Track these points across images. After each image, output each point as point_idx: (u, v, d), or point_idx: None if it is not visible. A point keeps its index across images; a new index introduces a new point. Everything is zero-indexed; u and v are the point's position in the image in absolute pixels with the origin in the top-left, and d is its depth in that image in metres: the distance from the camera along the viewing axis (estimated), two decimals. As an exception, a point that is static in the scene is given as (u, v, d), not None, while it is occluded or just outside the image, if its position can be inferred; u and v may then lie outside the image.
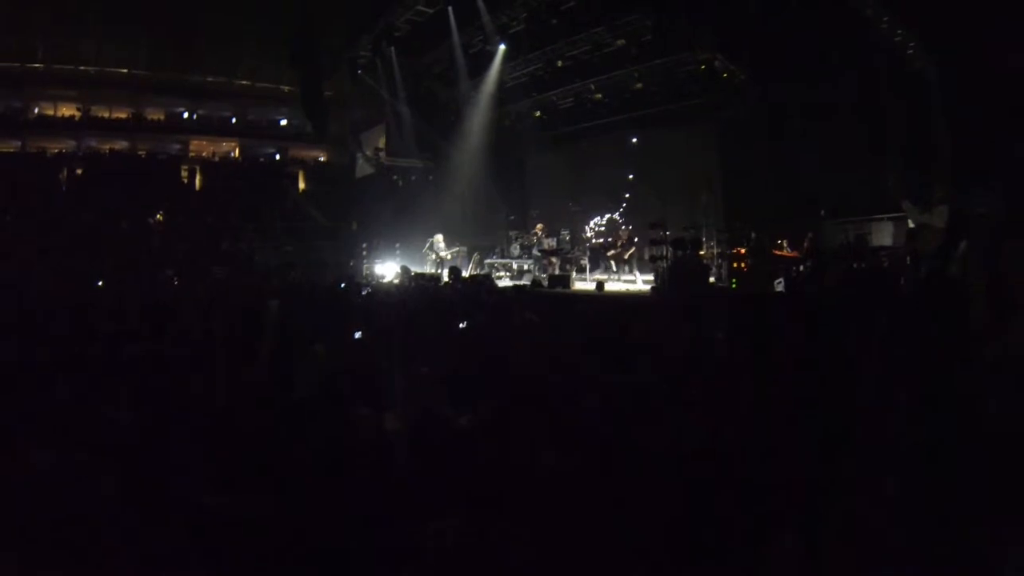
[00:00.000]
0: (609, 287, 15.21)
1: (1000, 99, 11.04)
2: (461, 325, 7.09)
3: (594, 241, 18.62)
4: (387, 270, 19.96)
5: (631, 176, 19.66)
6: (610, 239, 18.17)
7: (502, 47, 19.26)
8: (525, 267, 18.31)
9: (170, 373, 4.73)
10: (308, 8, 21.11)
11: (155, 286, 15.10)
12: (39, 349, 5.37)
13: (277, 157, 35.02)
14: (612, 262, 17.48)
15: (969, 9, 11.33)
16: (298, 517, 2.86)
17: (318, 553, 2.73)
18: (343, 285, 13.86)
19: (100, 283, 13.34)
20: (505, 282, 17.34)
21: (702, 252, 14.65)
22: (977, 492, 2.90)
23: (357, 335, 6.67)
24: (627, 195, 19.60)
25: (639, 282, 15.90)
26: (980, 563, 2.58)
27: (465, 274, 16.68)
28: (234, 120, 34.24)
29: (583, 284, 16.13)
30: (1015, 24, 10.56)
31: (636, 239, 17.41)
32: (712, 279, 14.18)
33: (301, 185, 33.39)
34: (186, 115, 33.49)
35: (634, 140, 19.91)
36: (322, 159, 35.05)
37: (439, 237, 19.63)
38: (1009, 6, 10.81)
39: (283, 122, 34.96)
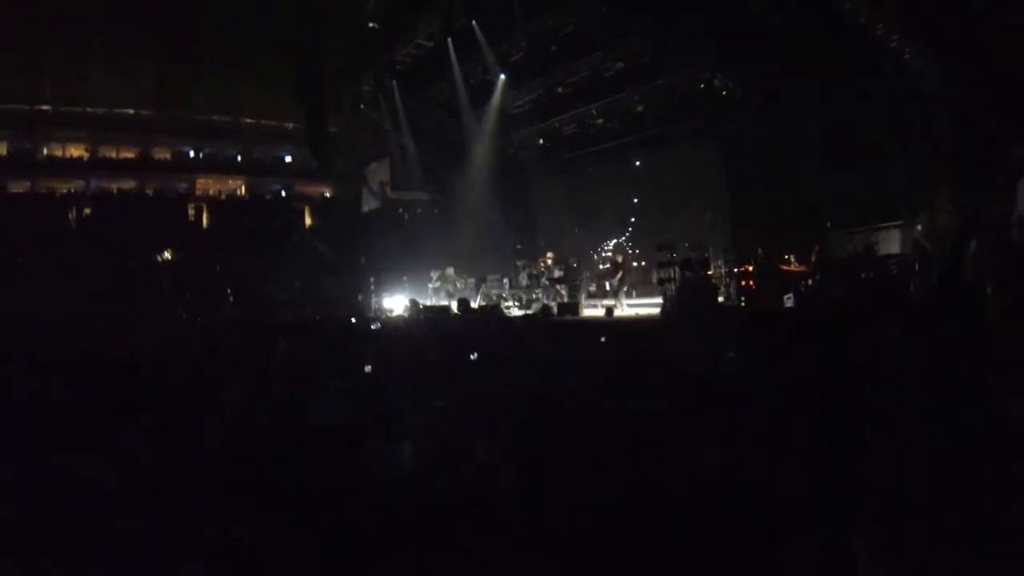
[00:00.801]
0: (618, 312, 15.16)
1: (1001, 97, 11.10)
2: (472, 356, 7.08)
3: (600, 267, 18.60)
4: (395, 303, 19.99)
5: (636, 199, 19.70)
6: (604, 266, 18.19)
7: (503, 76, 19.39)
8: (534, 296, 18.29)
9: (184, 408, 4.74)
10: (312, 45, 21.37)
11: (166, 324, 15.16)
12: (54, 384, 5.41)
13: (283, 194, 35.23)
14: (607, 287, 17.48)
15: (969, 9, 11.44)
16: (310, 546, 2.86)
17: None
18: (353, 320, 13.91)
19: (111, 321, 13.37)
20: (514, 312, 17.32)
21: (710, 272, 14.59)
22: (994, 499, 2.89)
23: (368, 369, 6.68)
24: (632, 219, 19.63)
25: (623, 307, 15.87)
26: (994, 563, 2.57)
27: (474, 305, 16.68)
28: (240, 158, 34.53)
29: (592, 311, 16.11)
30: (1014, 22, 10.65)
31: (622, 262, 17.35)
32: (721, 298, 14.11)
33: (307, 221, 33.51)
34: (192, 154, 33.80)
35: (638, 163, 19.96)
36: (328, 194, 35.21)
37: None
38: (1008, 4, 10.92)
39: (288, 159, 35.22)
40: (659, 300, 15.01)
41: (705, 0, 14.33)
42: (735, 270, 14.88)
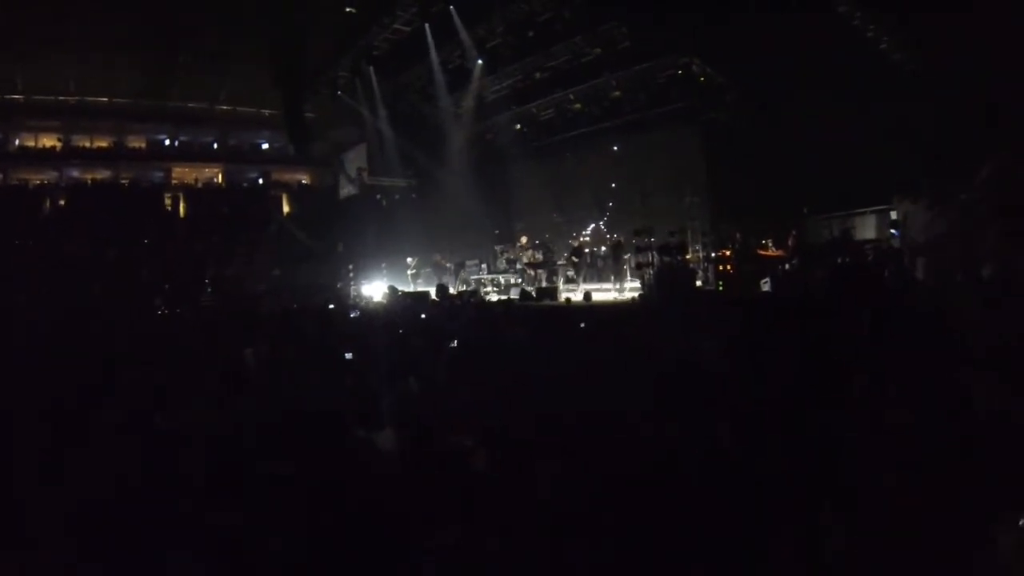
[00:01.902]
0: (597, 296, 15.27)
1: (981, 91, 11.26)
2: (452, 344, 7.08)
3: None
4: (374, 290, 19.97)
5: (614, 184, 19.74)
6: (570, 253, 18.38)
7: (480, 62, 19.34)
8: (512, 281, 18.32)
9: (166, 398, 4.73)
10: (289, 31, 21.16)
11: (145, 315, 15.05)
12: (32, 379, 5.37)
13: (260, 181, 34.78)
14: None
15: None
16: (293, 533, 2.87)
17: (312, 567, 2.76)
18: (332, 307, 13.87)
19: (88, 315, 13.25)
20: (492, 297, 17.36)
21: (688, 256, 14.70)
22: (975, 488, 2.92)
23: (348, 356, 6.68)
24: (610, 203, 19.68)
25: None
26: (974, 557, 2.61)
27: (452, 290, 16.70)
28: (216, 145, 34.01)
29: (571, 294, 16.19)
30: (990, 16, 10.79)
31: (578, 248, 17.50)
32: (699, 283, 14.23)
33: (285, 208, 33.25)
34: (168, 142, 33.18)
35: (615, 148, 19.98)
36: (305, 181, 34.95)
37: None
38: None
39: (265, 146, 34.77)
40: (631, 284, 15.17)
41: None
42: (713, 255, 14.99)
